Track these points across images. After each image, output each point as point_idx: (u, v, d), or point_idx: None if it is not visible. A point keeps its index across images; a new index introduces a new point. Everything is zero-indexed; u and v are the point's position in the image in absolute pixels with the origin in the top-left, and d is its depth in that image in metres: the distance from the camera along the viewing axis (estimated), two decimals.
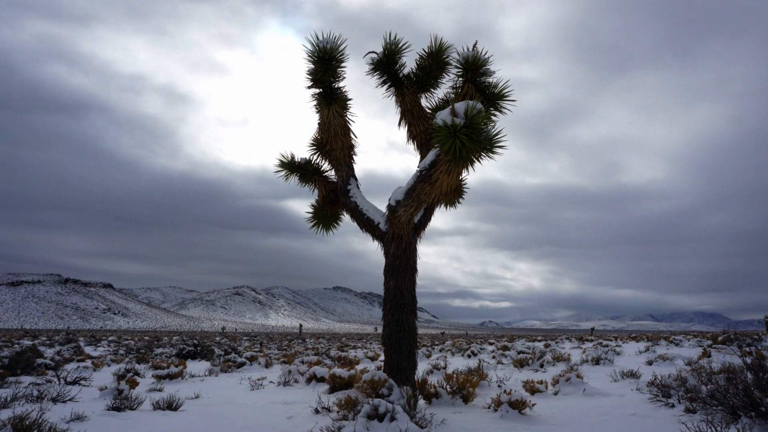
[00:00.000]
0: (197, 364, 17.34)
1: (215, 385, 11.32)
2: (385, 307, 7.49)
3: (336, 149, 8.14)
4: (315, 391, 9.63)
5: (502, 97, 7.25)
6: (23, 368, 12.67)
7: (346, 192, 8.12)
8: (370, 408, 5.66)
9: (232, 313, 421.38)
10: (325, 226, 8.92)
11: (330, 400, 7.55)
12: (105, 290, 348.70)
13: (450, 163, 6.23)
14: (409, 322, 7.32)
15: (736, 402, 5.86)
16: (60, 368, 13.66)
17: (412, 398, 6.58)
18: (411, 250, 7.52)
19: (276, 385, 10.95)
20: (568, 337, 34.83)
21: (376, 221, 7.75)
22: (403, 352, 7.21)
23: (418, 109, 7.79)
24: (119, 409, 7.59)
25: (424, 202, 6.99)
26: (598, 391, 8.66)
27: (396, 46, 7.50)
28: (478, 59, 7.02)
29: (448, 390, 8.00)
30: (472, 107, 5.96)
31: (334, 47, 7.45)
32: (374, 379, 6.73)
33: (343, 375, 9.41)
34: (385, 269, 7.60)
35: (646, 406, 7.31)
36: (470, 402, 7.95)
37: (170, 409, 7.76)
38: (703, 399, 6.38)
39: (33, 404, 7.83)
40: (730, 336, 18.30)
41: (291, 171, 8.63)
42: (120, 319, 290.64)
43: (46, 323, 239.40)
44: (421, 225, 7.81)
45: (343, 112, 7.90)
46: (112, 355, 22.09)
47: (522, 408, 7.02)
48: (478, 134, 5.98)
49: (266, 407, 8.20)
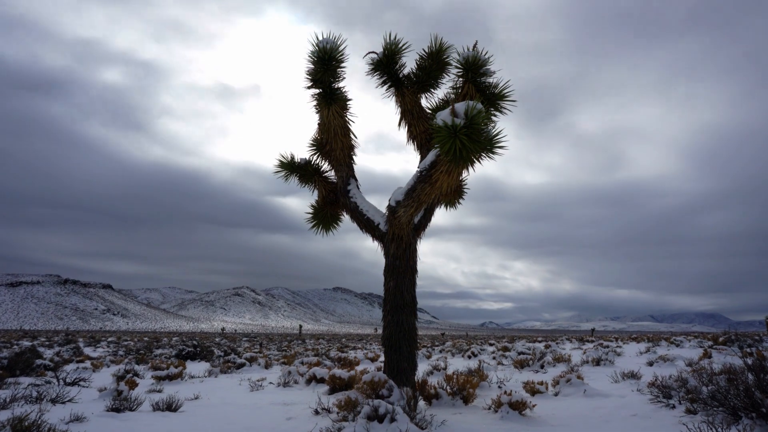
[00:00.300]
0: (197, 365, 17.31)
1: (215, 386, 11.29)
2: (385, 307, 7.48)
3: (336, 149, 8.12)
4: (315, 392, 9.61)
5: (502, 98, 7.24)
6: (22, 369, 12.64)
7: (346, 192, 8.11)
8: (370, 409, 5.66)
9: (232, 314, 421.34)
10: (325, 227, 8.91)
11: (330, 401, 7.53)
12: (104, 291, 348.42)
13: (450, 163, 6.23)
14: (410, 323, 7.30)
15: (737, 403, 5.86)
16: (59, 369, 13.63)
17: (413, 399, 6.57)
18: (411, 250, 7.51)
19: (276, 386, 10.93)
20: (569, 338, 34.82)
21: (376, 222, 7.74)
22: (403, 353, 7.19)
23: (418, 109, 7.78)
24: (119, 410, 7.57)
25: (425, 202, 6.99)
26: (598, 392, 8.65)
27: (396, 46, 7.49)
28: (479, 59, 7.01)
29: (448, 391, 7.99)
30: (473, 107, 5.95)
31: (334, 47, 7.44)
32: (374, 380, 6.72)
33: (343, 376, 9.40)
34: (385, 270, 7.58)
35: (646, 407, 7.29)
36: (470, 403, 7.94)
37: (170, 410, 7.75)
38: (704, 400, 6.36)
39: (32, 405, 7.81)
40: (731, 337, 18.28)
41: (291, 171, 8.62)
42: (119, 319, 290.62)
43: (46, 324, 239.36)
44: (422, 225, 7.80)
45: (343, 112, 7.88)
46: (112, 356, 22.07)
47: (522, 409, 7.01)
48: (479, 134, 5.98)
49: (266, 408, 8.19)
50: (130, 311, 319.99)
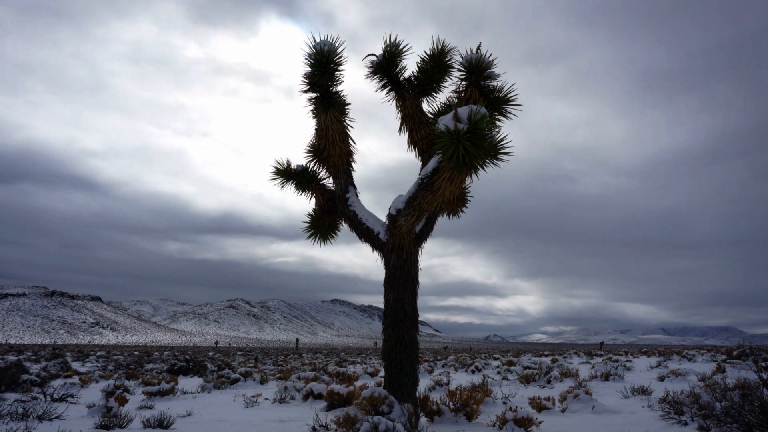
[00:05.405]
0: (189, 380, 17.13)
1: (208, 402, 11.12)
2: (385, 320, 7.29)
3: (334, 156, 7.92)
4: (312, 408, 9.43)
5: (507, 102, 7.10)
6: (8, 385, 12.44)
7: (345, 200, 7.91)
8: (370, 426, 5.61)
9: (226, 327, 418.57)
10: (322, 236, 8.69)
11: (328, 418, 7.32)
12: (93, 303, 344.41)
13: (453, 170, 6.11)
14: (411, 337, 7.12)
15: (752, 419, 5.85)
16: (46, 385, 13.39)
17: (414, 416, 6.49)
18: (412, 261, 7.32)
19: (271, 402, 10.74)
20: (576, 352, 34.40)
21: (375, 231, 7.54)
22: (404, 368, 7.01)
23: (420, 114, 7.60)
24: (108, 427, 7.51)
25: (426, 210, 6.83)
26: (607, 408, 8.51)
27: (396, 48, 7.32)
28: (482, 62, 6.87)
29: (451, 407, 7.84)
30: (476, 112, 5.85)
31: (331, 50, 7.28)
32: (374, 396, 6.60)
33: (342, 392, 9.26)
34: (386, 281, 7.40)
35: (657, 424, 7.17)
36: (474, 419, 7.81)
37: (161, 427, 7.64)
38: (717, 416, 6.33)
39: (18, 422, 7.65)
40: (746, 350, 18.12)
41: (287, 179, 8.41)
42: (109, 333, 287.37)
43: (32, 338, 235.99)
44: (423, 235, 7.61)
45: (341, 117, 7.69)
46: (101, 370, 21.66)
47: (528, 426, 6.96)
48: (482, 140, 5.88)
49: (261, 426, 8.06)
50: (119, 324, 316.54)
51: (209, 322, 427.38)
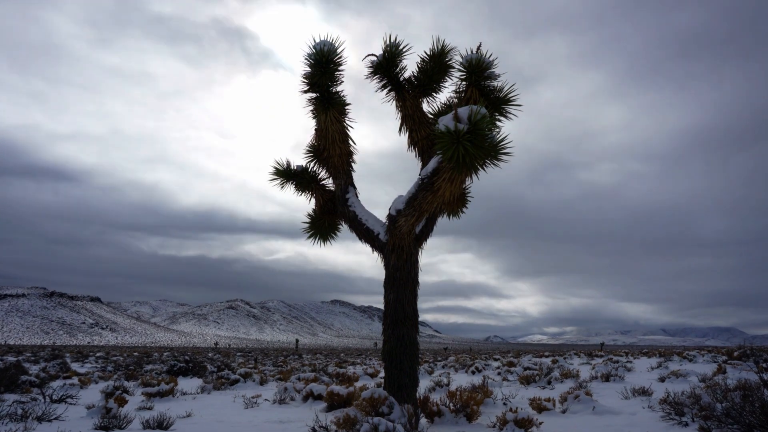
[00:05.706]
0: (189, 381, 17.07)
1: (208, 403, 11.08)
2: (385, 321, 7.27)
3: (334, 156, 7.90)
4: (312, 409, 9.40)
5: (507, 102, 7.08)
6: (7, 386, 12.40)
7: (345, 201, 7.89)
8: (370, 427, 5.57)
9: (226, 328, 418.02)
10: (322, 237, 8.68)
11: (328, 419, 7.29)
12: (92, 304, 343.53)
13: (453, 170, 6.10)
14: (411, 337, 7.09)
15: (753, 420, 5.84)
16: (45, 386, 13.34)
17: (414, 417, 6.45)
18: (412, 261, 7.30)
19: (271, 403, 10.70)
20: (577, 353, 34.40)
21: (375, 231, 7.52)
22: (404, 369, 6.98)
23: (420, 114, 7.58)
24: (107, 428, 7.49)
25: (426, 211, 6.82)
26: (608, 409, 8.48)
27: (396, 48, 7.30)
28: (483, 62, 6.85)
29: (451, 408, 7.81)
30: (476, 112, 5.84)
31: (331, 50, 7.26)
32: (374, 397, 6.56)
33: (342, 392, 9.23)
34: (385, 282, 7.38)
35: (658, 425, 7.15)
36: (474, 420, 7.77)
37: (161, 428, 7.62)
38: (718, 417, 6.31)
39: (17, 423, 7.62)
40: (747, 351, 18.13)
41: (287, 179, 8.40)
42: (108, 334, 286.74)
43: (31, 338, 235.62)
44: (423, 235, 7.60)
45: (341, 117, 7.68)
46: (100, 371, 21.60)
47: (528, 427, 6.93)
48: (483, 140, 5.86)
49: (261, 426, 8.02)
50: (119, 325, 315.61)
51: (209, 323, 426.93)
